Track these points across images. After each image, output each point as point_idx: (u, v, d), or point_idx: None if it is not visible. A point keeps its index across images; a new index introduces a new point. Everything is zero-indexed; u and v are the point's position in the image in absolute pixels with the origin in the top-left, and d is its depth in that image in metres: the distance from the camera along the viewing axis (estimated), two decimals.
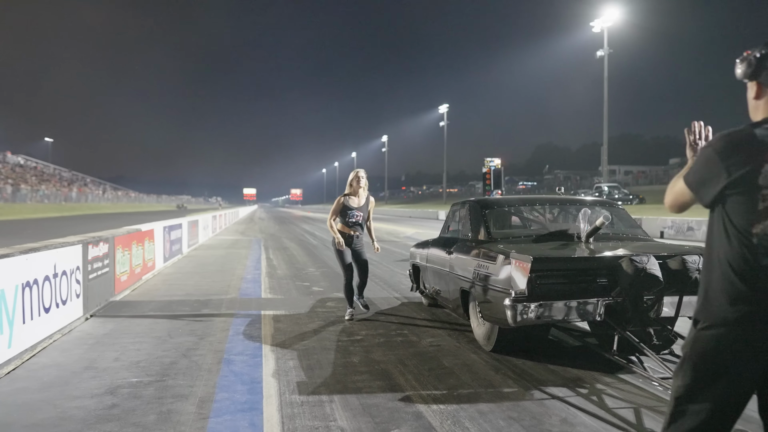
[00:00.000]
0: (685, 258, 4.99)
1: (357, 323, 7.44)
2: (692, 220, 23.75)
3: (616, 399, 4.63)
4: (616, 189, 50.07)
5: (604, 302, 5.14)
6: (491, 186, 21.70)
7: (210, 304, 8.79)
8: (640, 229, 6.90)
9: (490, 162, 22.04)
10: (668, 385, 4.42)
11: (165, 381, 5.06)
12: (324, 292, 10.07)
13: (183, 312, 8.19)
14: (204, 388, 4.89)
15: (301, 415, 4.29)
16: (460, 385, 4.97)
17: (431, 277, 7.86)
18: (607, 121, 42.18)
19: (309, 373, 5.31)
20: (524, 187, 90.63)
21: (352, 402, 4.56)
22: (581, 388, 4.89)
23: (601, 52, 42.22)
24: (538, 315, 5.09)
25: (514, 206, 7.18)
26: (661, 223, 24.93)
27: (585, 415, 4.29)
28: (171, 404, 4.49)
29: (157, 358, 5.79)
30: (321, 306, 8.72)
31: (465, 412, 4.36)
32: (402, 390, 4.84)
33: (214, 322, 7.54)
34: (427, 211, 60.77)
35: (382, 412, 4.35)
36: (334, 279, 11.84)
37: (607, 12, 41.93)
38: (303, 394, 4.73)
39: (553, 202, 7.28)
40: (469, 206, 7.12)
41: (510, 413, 4.32)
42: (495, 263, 5.58)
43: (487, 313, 5.79)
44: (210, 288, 10.56)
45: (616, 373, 5.26)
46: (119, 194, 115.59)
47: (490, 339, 5.96)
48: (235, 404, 4.51)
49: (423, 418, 4.24)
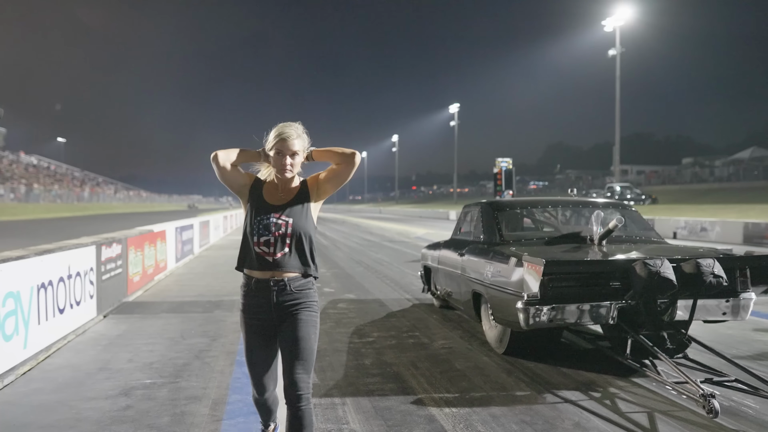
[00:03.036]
0: (700, 261, 4.96)
1: (368, 324, 7.45)
2: (705, 221, 23.59)
3: (629, 403, 4.61)
4: (629, 189, 49.80)
5: (618, 305, 5.12)
6: (502, 186, 21.64)
7: (222, 305, 8.83)
8: (654, 231, 6.86)
9: (502, 162, 21.97)
10: (682, 389, 4.41)
11: (178, 382, 5.09)
12: (335, 293, 10.09)
13: (195, 313, 8.23)
14: (217, 389, 4.91)
15: (314, 417, 4.29)
16: (473, 388, 4.96)
17: (443, 278, 7.85)
18: (619, 120, 42.01)
19: (321, 375, 5.32)
20: (535, 187, 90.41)
21: (365, 405, 4.56)
22: (594, 391, 4.88)
23: (613, 51, 42.05)
24: (551, 318, 5.07)
25: (526, 208, 7.17)
26: (674, 223, 24.78)
27: (598, 419, 4.27)
28: (184, 406, 4.51)
29: (170, 359, 5.83)
30: (332, 307, 8.74)
31: (477, 415, 4.35)
32: (414, 393, 4.84)
33: (226, 323, 7.57)
34: (437, 211, 60.72)
35: (395, 415, 4.35)
36: (345, 280, 11.86)
37: (620, 10, 41.75)
38: (315, 397, 4.73)
39: (566, 204, 7.26)
40: (481, 208, 7.11)
41: (523, 417, 4.32)
42: (507, 266, 5.57)
43: (499, 315, 5.78)
44: (222, 289, 10.59)
45: (629, 376, 5.23)
46: (131, 194, 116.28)
47: (503, 342, 5.95)
48: (248, 406, 4.51)
49: (435, 421, 4.24)
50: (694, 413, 4.34)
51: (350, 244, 21.85)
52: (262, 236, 3.09)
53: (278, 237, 3.09)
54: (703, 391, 4.10)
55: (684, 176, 62.25)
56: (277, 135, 3.10)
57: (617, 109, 41.68)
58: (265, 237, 3.09)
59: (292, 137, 3.10)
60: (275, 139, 3.11)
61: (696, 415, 4.30)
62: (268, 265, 3.09)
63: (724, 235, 22.38)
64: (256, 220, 3.12)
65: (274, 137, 3.12)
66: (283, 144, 3.09)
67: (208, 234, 20.80)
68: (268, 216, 3.13)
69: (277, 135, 3.10)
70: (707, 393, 4.06)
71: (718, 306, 5.34)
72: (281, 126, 3.14)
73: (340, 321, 7.71)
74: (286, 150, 3.10)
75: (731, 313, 5.38)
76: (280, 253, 3.09)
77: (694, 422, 4.19)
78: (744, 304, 5.38)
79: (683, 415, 4.33)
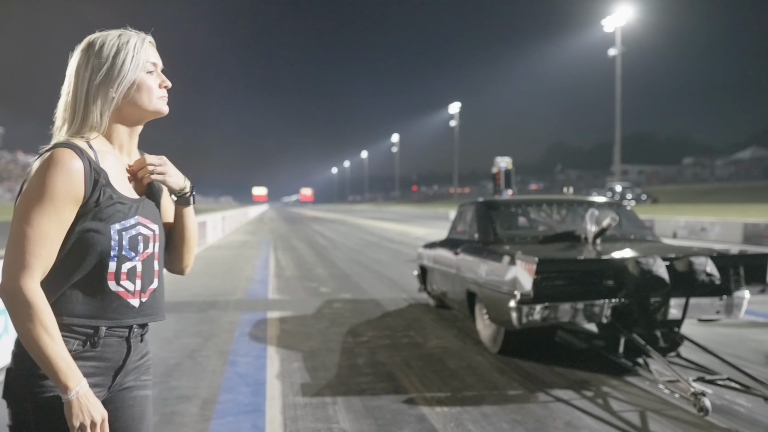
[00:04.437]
0: (692, 260, 4.94)
1: (363, 324, 7.43)
2: (705, 221, 23.55)
3: (621, 402, 4.59)
4: (629, 189, 49.82)
5: (611, 304, 5.10)
6: (501, 186, 21.57)
7: (217, 305, 8.81)
8: (648, 229, 6.84)
9: (500, 161, 21.90)
10: (674, 388, 4.39)
11: (169, 382, 5.06)
12: (331, 293, 10.07)
13: (190, 312, 8.21)
14: (208, 389, 4.88)
15: (304, 417, 4.28)
16: (465, 388, 4.94)
17: (438, 278, 7.83)
18: (620, 120, 41.98)
19: (313, 375, 5.30)
20: (536, 187, 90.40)
21: (356, 404, 4.54)
22: (587, 390, 4.85)
23: (614, 50, 42.02)
24: (544, 317, 5.06)
25: (520, 207, 7.14)
26: (674, 223, 24.74)
27: (590, 418, 4.25)
28: (174, 405, 4.49)
29: (162, 358, 5.80)
30: (328, 307, 8.72)
31: (469, 414, 4.33)
32: (406, 392, 4.82)
33: (220, 323, 7.55)
34: (437, 211, 60.73)
35: (386, 414, 4.33)
36: (343, 280, 11.85)
37: (620, 10, 41.72)
38: (306, 396, 4.72)
39: (560, 203, 7.24)
40: (475, 207, 7.08)
41: (514, 416, 4.29)
42: (501, 264, 5.55)
43: (492, 314, 5.76)
44: (218, 289, 10.57)
45: (622, 375, 5.21)
46: None
47: (496, 341, 5.93)
48: (239, 406, 4.51)
49: (426, 420, 4.22)
50: (686, 412, 4.31)
51: (349, 244, 21.83)
52: (124, 262, 1.66)
53: (146, 260, 1.72)
54: (694, 390, 4.08)
55: (684, 176, 62.33)
56: (141, 43, 1.72)
57: (618, 108, 41.65)
58: (129, 262, 1.67)
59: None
60: (140, 50, 1.71)
61: (687, 414, 4.27)
62: (129, 311, 1.69)
63: (724, 235, 22.34)
64: (114, 232, 1.64)
65: (135, 48, 1.70)
66: (156, 54, 1.77)
67: (206, 234, 20.79)
68: (133, 222, 1.69)
69: (141, 43, 1.72)
70: (698, 391, 4.04)
71: (711, 304, 5.32)
72: (125, 33, 1.73)
73: (335, 321, 7.68)
74: (159, 63, 1.77)
75: (725, 311, 5.36)
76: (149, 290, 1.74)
77: (686, 420, 4.17)
78: (738, 302, 5.36)
79: (675, 414, 4.31)
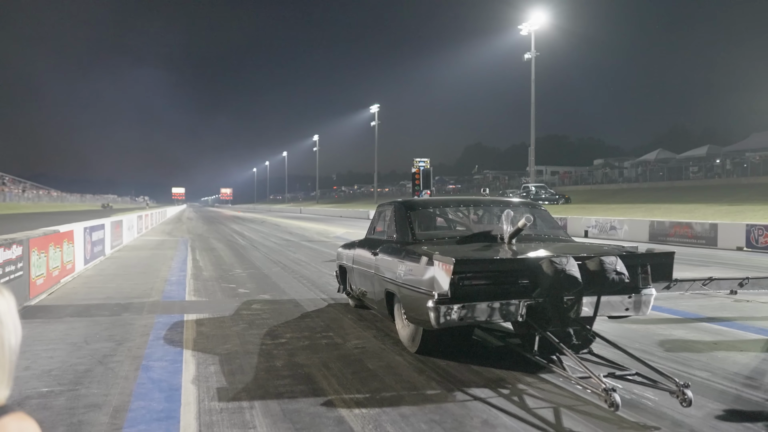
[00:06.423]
0: (603, 259, 5.10)
1: (282, 325, 7.34)
2: (614, 220, 24.51)
3: (536, 399, 4.70)
4: (543, 189, 51.16)
5: (526, 303, 5.20)
6: (420, 186, 21.77)
7: (131, 308, 8.52)
8: (562, 229, 7.03)
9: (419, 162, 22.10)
10: (586, 384, 4.51)
11: (78, 390, 4.85)
12: (250, 294, 9.91)
13: (102, 316, 7.91)
14: (119, 396, 4.71)
15: (220, 422, 4.18)
16: (384, 388, 4.94)
17: (357, 278, 7.82)
18: (534, 122, 43.08)
19: (230, 379, 5.19)
20: (454, 188, 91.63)
21: (273, 408, 4.47)
22: (503, 388, 4.94)
23: (529, 54, 43.09)
24: (461, 316, 5.11)
25: (439, 207, 7.21)
26: (585, 222, 25.60)
27: (506, 416, 4.33)
28: (82, 414, 4.30)
29: (71, 365, 5.56)
30: (246, 308, 8.57)
31: (387, 415, 4.33)
32: (324, 394, 4.78)
33: (134, 326, 7.30)
34: (358, 211, 60.76)
35: (304, 417, 4.28)
36: (261, 280, 11.69)
37: (535, 16, 42.85)
38: (223, 401, 4.62)
39: (478, 204, 7.34)
40: (394, 207, 7.11)
41: (432, 416, 4.32)
42: (419, 265, 5.58)
43: (411, 314, 5.79)
44: (132, 291, 10.24)
45: (537, 373, 5.33)
46: (40, 193, 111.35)
47: (415, 340, 5.96)
48: (151, 413, 4.36)
49: (345, 422, 4.19)
50: (597, 407, 4.45)
51: (268, 244, 21.57)
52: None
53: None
54: (605, 386, 4.21)
55: (595, 176, 64.42)
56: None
57: (533, 111, 42.73)
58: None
59: None
60: None
61: (599, 409, 4.41)
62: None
63: (632, 233, 23.31)
64: None
65: None
66: None
67: (121, 234, 20.11)
68: None
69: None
70: (609, 387, 4.18)
71: (621, 302, 5.51)
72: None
73: (253, 322, 7.56)
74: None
75: (633, 308, 5.56)
76: None
77: (597, 416, 4.30)
78: (645, 299, 5.56)
79: (587, 409, 4.44)
